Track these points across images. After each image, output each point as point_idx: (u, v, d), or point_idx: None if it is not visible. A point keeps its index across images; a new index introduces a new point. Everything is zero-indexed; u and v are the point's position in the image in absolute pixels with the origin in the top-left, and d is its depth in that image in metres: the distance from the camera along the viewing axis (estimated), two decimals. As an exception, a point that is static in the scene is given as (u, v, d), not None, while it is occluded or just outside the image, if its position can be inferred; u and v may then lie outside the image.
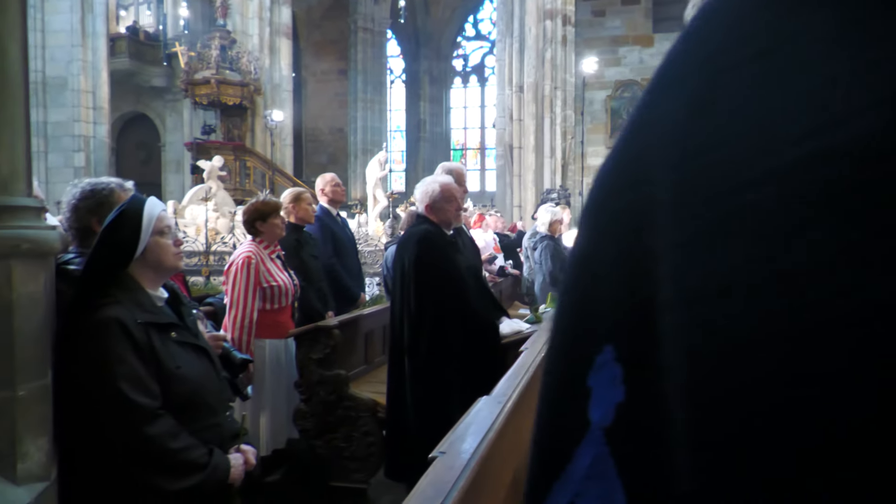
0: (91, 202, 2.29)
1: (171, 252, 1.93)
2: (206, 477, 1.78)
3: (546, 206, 6.51)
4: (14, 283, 1.49)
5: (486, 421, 1.68)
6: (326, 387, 3.55)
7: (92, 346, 1.70)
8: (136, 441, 1.67)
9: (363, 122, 20.22)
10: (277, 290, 3.58)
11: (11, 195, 1.51)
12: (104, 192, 2.33)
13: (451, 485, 1.26)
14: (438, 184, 3.27)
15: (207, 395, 1.90)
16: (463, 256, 3.40)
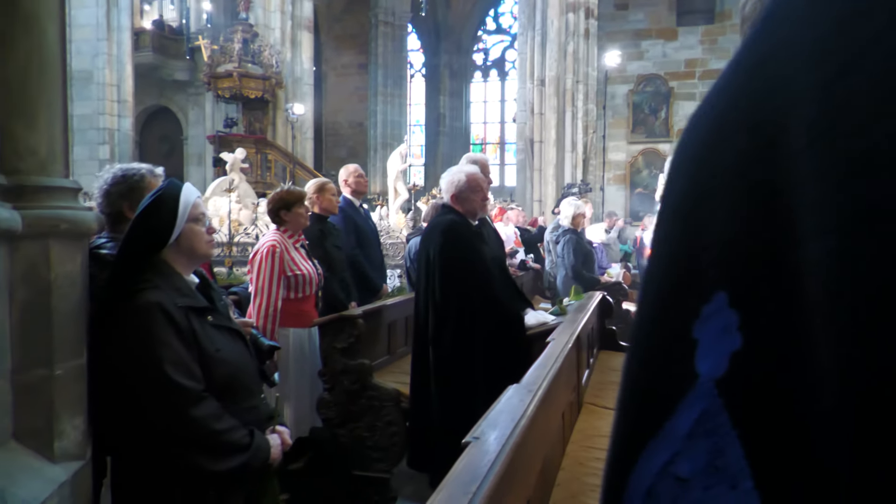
0: (122, 187, 2.32)
1: (204, 239, 1.94)
2: (250, 458, 1.80)
3: (569, 199, 6.46)
4: (52, 263, 1.50)
5: (518, 408, 1.67)
6: (350, 376, 3.56)
7: (134, 330, 1.70)
8: (181, 424, 1.68)
9: (383, 117, 20.23)
10: (301, 279, 3.59)
11: (49, 175, 1.52)
12: (135, 177, 2.35)
13: (486, 468, 1.25)
14: (465, 173, 3.25)
15: (245, 377, 1.91)
16: (488, 247, 3.38)
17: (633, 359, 0.37)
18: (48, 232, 1.49)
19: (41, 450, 1.49)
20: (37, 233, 1.47)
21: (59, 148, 1.55)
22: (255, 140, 13.68)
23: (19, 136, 1.46)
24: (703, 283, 0.32)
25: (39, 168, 1.51)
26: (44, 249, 1.49)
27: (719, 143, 0.33)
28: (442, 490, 1.16)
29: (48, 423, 1.51)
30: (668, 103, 15.63)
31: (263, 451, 1.86)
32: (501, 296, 3.20)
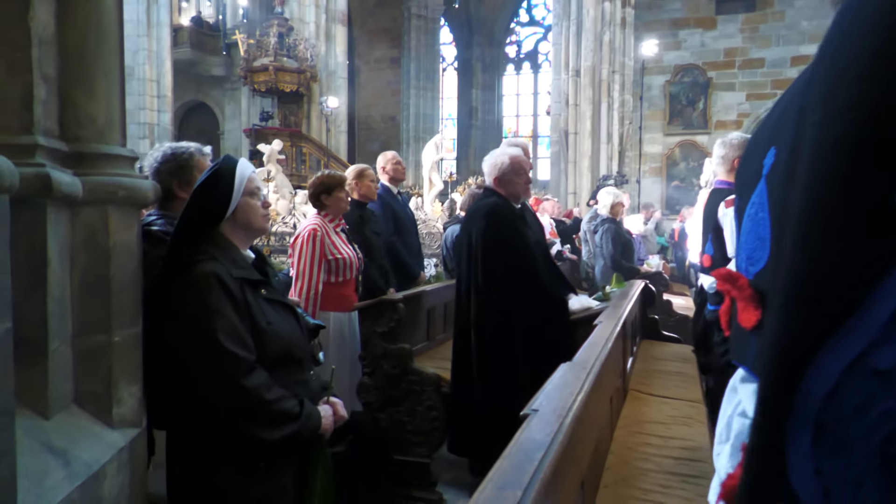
0: (172, 165, 2.33)
1: (259, 213, 1.95)
2: (301, 426, 1.80)
3: (607, 188, 6.36)
4: (110, 230, 1.51)
5: (574, 383, 1.66)
6: (390, 360, 3.55)
7: (191, 299, 1.72)
8: (233, 392, 1.69)
9: (416, 110, 20.23)
10: (342, 263, 3.59)
11: (108, 143, 1.53)
12: (184, 155, 2.37)
13: (550, 438, 1.23)
14: (508, 156, 3.21)
15: (296, 351, 1.92)
16: (531, 231, 3.34)
17: (810, 256, 0.33)
18: (107, 199, 1.50)
19: (100, 415, 1.51)
20: (96, 199, 1.48)
21: (117, 116, 1.56)
22: (290, 133, 13.79)
23: (79, 104, 1.47)
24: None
25: (98, 136, 1.51)
26: (103, 216, 1.50)
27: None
28: (506, 458, 1.14)
29: (107, 389, 1.52)
30: (706, 94, 15.31)
31: (314, 420, 1.87)
32: (545, 279, 3.15)
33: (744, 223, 1.05)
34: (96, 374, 1.51)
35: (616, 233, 5.86)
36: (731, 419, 1.16)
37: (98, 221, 1.49)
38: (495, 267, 3.07)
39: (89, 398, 1.50)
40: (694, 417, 2.82)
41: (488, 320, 3.10)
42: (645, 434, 2.61)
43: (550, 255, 3.64)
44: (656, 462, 2.30)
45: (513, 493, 0.98)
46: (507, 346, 3.06)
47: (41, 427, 1.34)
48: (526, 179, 3.28)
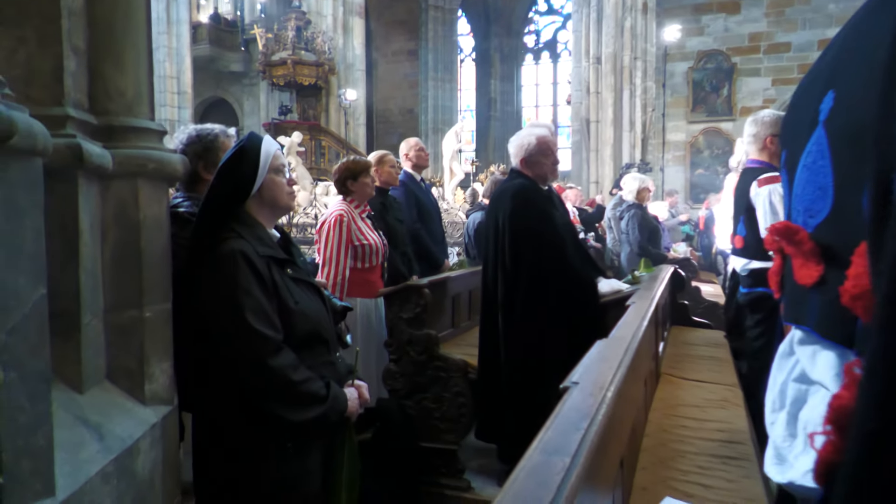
0: (197, 147, 2.33)
1: (285, 190, 1.94)
2: (328, 409, 1.79)
3: (633, 173, 6.28)
4: (140, 204, 1.50)
5: (614, 357, 1.62)
6: (417, 346, 3.53)
7: (218, 278, 1.71)
8: (260, 373, 1.68)
9: (434, 102, 20.21)
10: (368, 249, 3.58)
11: (136, 117, 1.52)
12: (209, 137, 2.36)
13: (594, 408, 1.20)
14: (535, 136, 3.16)
15: (322, 332, 1.91)
16: (559, 213, 3.29)
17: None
18: (137, 171, 1.49)
19: (132, 391, 1.50)
20: (126, 172, 1.48)
21: (145, 90, 1.55)
22: (309, 126, 13.85)
23: (108, 77, 1.46)
24: None
25: (127, 109, 1.51)
26: (133, 189, 1.49)
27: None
28: (550, 428, 1.11)
29: (139, 364, 1.51)
30: (730, 80, 15.07)
31: (341, 402, 1.86)
32: (574, 261, 3.10)
33: (798, 175, 1.00)
34: (128, 349, 1.50)
35: (642, 218, 5.79)
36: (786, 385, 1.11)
37: (128, 195, 1.49)
38: (523, 248, 3.04)
39: (122, 374, 1.49)
40: (730, 400, 2.77)
41: (516, 303, 3.06)
42: (680, 417, 2.56)
43: (579, 238, 3.59)
44: (694, 444, 2.26)
45: (561, 460, 0.95)
46: (536, 330, 3.03)
47: (75, 401, 1.33)
48: (553, 160, 3.24)
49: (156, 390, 1.56)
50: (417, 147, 4.84)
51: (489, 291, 3.25)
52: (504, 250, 3.11)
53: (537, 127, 3.66)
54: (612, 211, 6.92)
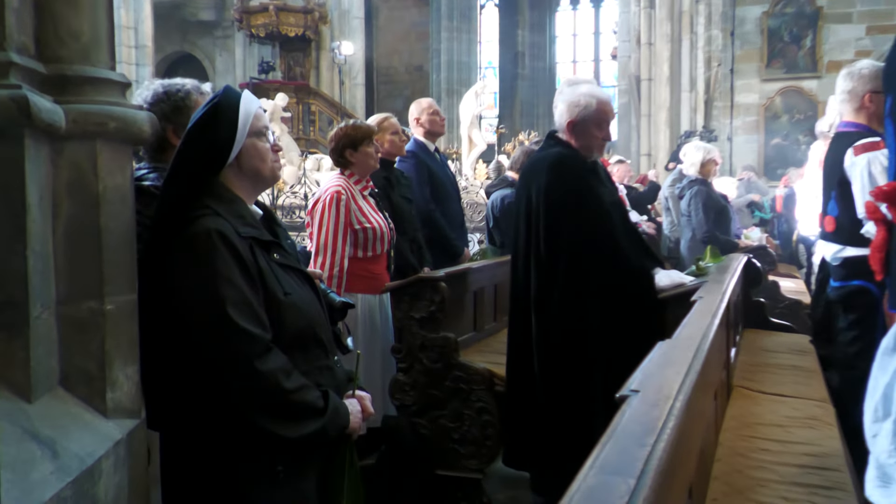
0: (165, 107, 2.32)
1: (269, 157, 1.95)
2: (326, 423, 1.79)
3: (695, 142, 6.24)
4: (100, 171, 1.50)
5: (680, 361, 1.63)
6: (431, 353, 3.53)
7: (190, 264, 1.71)
8: (246, 379, 1.68)
9: (447, 57, 20.18)
10: (371, 234, 3.58)
11: (94, 65, 1.52)
12: (179, 94, 2.36)
13: (660, 420, 1.20)
14: (597, 98, 3.13)
15: (318, 329, 1.91)
16: (607, 189, 3.27)
17: None
18: (95, 132, 1.49)
19: (91, 400, 1.51)
20: (82, 132, 1.48)
21: (104, 33, 1.55)
22: (296, 87, 13.90)
23: (59, 15, 1.46)
24: None
25: (82, 55, 1.51)
26: (90, 154, 1.49)
27: None
28: (607, 444, 1.12)
29: (100, 368, 1.52)
30: (814, 28, 14.86)
31: (342, 416, 1.86)
32: (626, 248, 3.09)
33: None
34: (87, 349, 1.51)
35: (708, 197, 5.74)
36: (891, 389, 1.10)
37: (85, 160, 1.49)
38: (563, 232, 3.02)
39: (79, 379, 1.50)
40: (819, 418, 2.75)
41: (553, 299, 3.06)
42: (758, 438, 2.56)
43: (630, 220, 3.57)
44: (776, 471, 2.25)
45: (624, 482, 0.95)
46: (578, 332, 3.02)
47: (23, 411, 1.34)
48: (605, 135, 3.22)
49: (119, 399, 1.57)
50: (431, 110, 4.83)
51: (520, 285, 3.25)
52: (538, 234, 3.10)
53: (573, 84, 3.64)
54: (669, 189, 6.88)
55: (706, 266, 3.74)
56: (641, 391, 1.38)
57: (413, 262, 4.16)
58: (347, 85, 14.65)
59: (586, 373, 3.01)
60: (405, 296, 3.58)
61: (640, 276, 3.11)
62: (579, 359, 3.02)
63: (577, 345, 3.02)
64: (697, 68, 12.07)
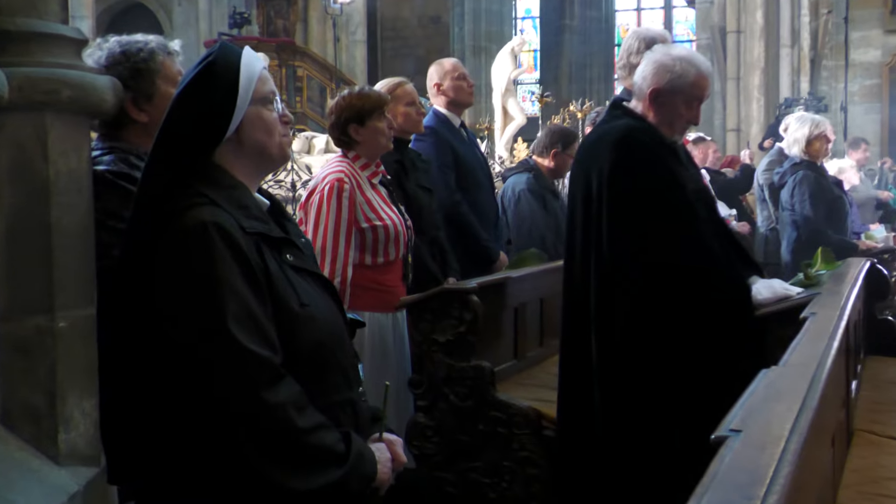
0: (123, 70, 2.35)
1: (277, 131, 1.97)
2: (349, 473, 1.81)
3: (798, 113, 6.22)
4: (50, 152, 1.54)
5: (792, 395, 1.63)
6: (460, 387, 3.56)
7: (181, 267, 1.74)
8: (249, 413, 1.71)
9: (473, 5, 20.25)
10: (383, 234, 3.60)
11: (41, 17, 1.55)
12: (141, 54, 2.40)
13: (770, 468, 1.22)
14: (696, 67, 3.13)
15: (338, 352, 1.95)
16: (690, 175, 3.28)
17: None
18: (45, 101, 1.53)
19: (40, 443, 1.55)
20: (28, 102, 1.51)
21: (54, -24, 1.59)
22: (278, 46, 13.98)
23: (-1, -45, 1.51)
24: None
25: (28, 5, 1.54)
26: (38, 129, 1.53)
27: None
28: (705, 495, 1.13)
29: (49, 402, 1.55)
30: (955, -38, 14.79)
31: (368, 464, 1.88)
32: (715, 249, 3.09)
33: None
34: (33, 378, 1.55)
35: (817, 185, 5.72)
36: None
37: (31, 137, 1.52)
38: (633, 228, 3.04)
39: (23, 415, 1.53)
40: (970, 472, 2.74)
41: (620, 316, 3.07)
42: (887, 497, 2.56)
43: (720, 214, 3.58)
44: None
45: (729, 541, 0.97)
46: (652, 358, 3.03)
47: (-43, 456, 1.37)
48: (693, 116, 3.23)
49: (74, 442, 1.60)
50: (456, 73, 4.85)
51: (575, 299, 3.26)
52: (600, 232, 3.11)
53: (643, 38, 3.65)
54: (765, 174, 6.84)
55: (817, 274, 3.73)
56: (744, 431, 1.39)
57: (434, 271, 4.16)
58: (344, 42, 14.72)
59: (662, 409, 3.01)
60: (426, 313, 3.60)
61: (734, 286, 3.12)
62: (653, 391, 3.03)
63: (650, 374, 3.03)
64: (801, 17, 12.00)
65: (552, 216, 5.41)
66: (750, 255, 3.63)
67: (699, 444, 1.72)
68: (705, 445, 1.46)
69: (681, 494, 1.18)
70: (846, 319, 2.72)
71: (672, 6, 22.02)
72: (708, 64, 3.34)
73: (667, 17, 22.10)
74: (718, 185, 7.94)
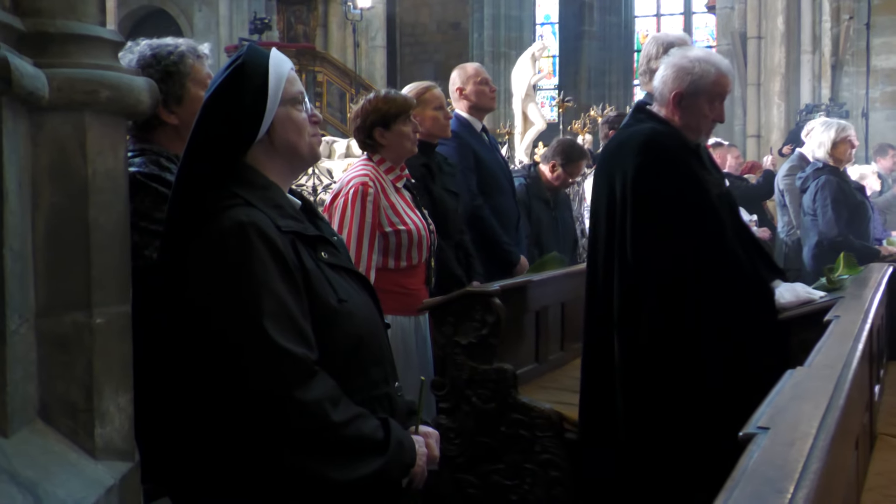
0: (153, 73, 2.39)
1: (307, 131, 2.00)
2: (390, 461, 1.83)
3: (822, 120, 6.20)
4: (88, 152, 1.56)
5: (819, 394, 1.66)
6: (482, 389, 3.57)
7: (218, 267, 1.77)
8: (284, 412, 1.73)
9: (492, 10, 20.27)
10: (406, 238, 3.62)
11: (80, 19, 1.58)
12: (171, 57, 2.44)
13: (799, 464, 1.24)
14: (715, 67, 3.14)
15: (376, 347, 1.97)
16: (713, 179, 3.29)
17: None
18: (84, 102, 1.55)
19: (77, 437, 1.57)
20: (68, 102, 1.54)
21: (93, -20, 1.62)
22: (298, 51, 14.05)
23: (38, -42, 1.53)
24: None
25: (67, 8, 1.57)
26: (78, 130, 1.56)
27: None
28: (735, 490, 1.15)
29: (87, 396, 1.58)
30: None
31: (407, 451, 1.90)
32: (738, 253, 3.10)
33: None
34: (71, 373, 1.57)
35: (839, 190, 5.70)
36: None
37: (71, 138, 1.55)
38: (658, 230, 3.05)
39: (61, 410, 1.56)
40: None
41: (643, 319, 3.08)
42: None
43: (742, 218, 3.58)
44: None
45: (761, 536, 0.98)
46: (675, 361, 3.04)
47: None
48: (718, 115, 3.24)
49: (110, 437, 1.62)
50: (479, 78, 4.86)
51: (598, 302, 3.27)
52: (624, 236, 3.12)
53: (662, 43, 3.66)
54: (786, 180, 6.83)
55: (839, 278, 3.72)
56: (772, 428, 1.41)
57: (459, 274, 4.17)
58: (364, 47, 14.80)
59: (685, 413, 3.02)
60: (449, 316, 3.62)
61: (757, 289, 3.13)
62: (676, 394, 3.03)
63: (673, 377, 3.04)
64: (822, 22, 11.96)
65: (534, 224, 5.42)
66: (772, 259, 3.63)
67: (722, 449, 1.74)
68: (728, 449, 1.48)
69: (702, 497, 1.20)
70: (870, 323, 2.72)
71: (692, 12, 21.96)
72: (726, 61, 3.35)
73: (686, 22, 22.04)
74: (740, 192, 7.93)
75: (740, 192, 7.90)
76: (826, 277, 3.69)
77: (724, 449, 1.61)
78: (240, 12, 16.97)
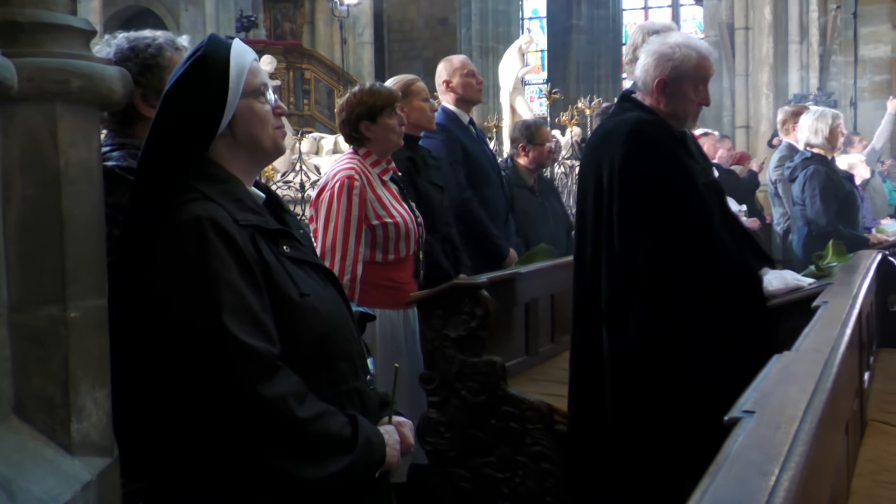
0: (132, 66, 2.37)
1: (270, 123, 1.97)
2: (357, 458, 1.81)
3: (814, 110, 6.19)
4: (60, 143, 1.54)
5: (806, 378, 1.65)
6: (472, 382, 3.56)
7: (175, 262, 1.75)
8: (246, 409, 1.71)
9: (480, 6, 20.23)
10: (393, 231, 3.61)
11: (50, 8, 1.56)
12: (149, 50, 2.42)
13: (784, 447, 1.23)
14: (695, 50, 3.14)
15: (342, 341, 1.94)
16: (700, 168, 3.28)
17: None
18: (55, 92, 1.53)
19: (53, 432, 1.55)
20: (39, 92, 1.52)
21: (63, -33, 1.60)
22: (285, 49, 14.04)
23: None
24: None
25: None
26: (49, 119, 1.54)
27: None
28: (719, 473, 1.14)
29: (63, 391, 1.56)
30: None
31: (375, 448, 1.88)
32: (726, 242, 3.09)
33: None
34: (46, 368, 1.55)
35: (827, 179, 5.70)
36: None
37: (42, 127, 1.53)
38: (644, 221, 3.04)
39: (37, 405, 1.54)
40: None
41: (631, 309, 3.07)
42: (902, 486, 2.55)
43: (729, 206, 3.57)
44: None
45: (744, 515, 0.97)
46: (663, 350, 3.03)
47: (-28, 444, 1.38)
48: (703, 98, 3.22)
49: (87, 433, 1.61)
50: (465, 70, 4.86)
51: (586, 293, 3.26)
52: (611, 225, 3.11)
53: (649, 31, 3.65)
54: (777, 170, 6.83)
55: (828, 266, 3.72)
56: (758, 412, 1.41)
57: (446, 267, 4.16)
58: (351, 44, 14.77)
59: (673, 401, 3.01)
60: (437, 309, 3.60)
61: (745, 277, 3.12)
62: (665, 384, 3.03)
63: (661, 366, 3.03)
64: (810, 13, 11.97)
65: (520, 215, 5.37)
66: (761, 247, 3.62)
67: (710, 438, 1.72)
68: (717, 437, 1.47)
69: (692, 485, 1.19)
70: (859, 308, 2.72)
71: (679, 4, 22.01)
72: (706, 44, 3.35)
73: (674, 14, 22.08)
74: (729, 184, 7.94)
75: (730, 184, 7.92)
76: (815, 265, 3.69)
77: (713, 437, 1.61)
78: (226, 11, 16.92)
